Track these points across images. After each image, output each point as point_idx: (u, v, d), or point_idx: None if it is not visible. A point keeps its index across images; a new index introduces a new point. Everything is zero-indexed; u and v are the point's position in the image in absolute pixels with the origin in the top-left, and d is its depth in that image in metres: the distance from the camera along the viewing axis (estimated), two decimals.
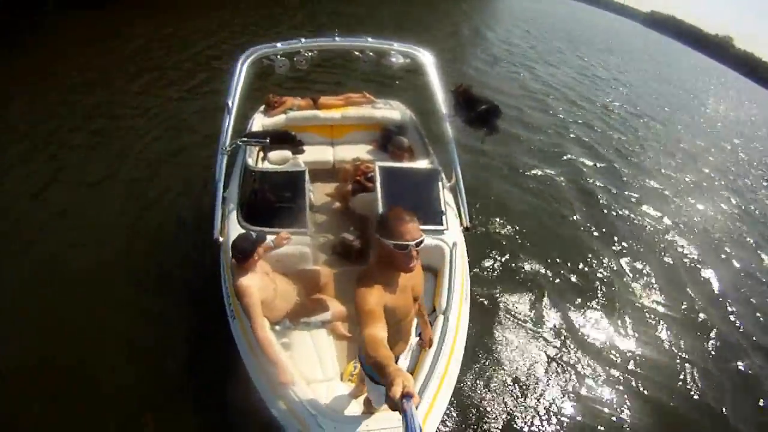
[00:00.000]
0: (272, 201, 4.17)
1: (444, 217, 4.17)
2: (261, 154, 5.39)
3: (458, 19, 21.56)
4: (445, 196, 4.37)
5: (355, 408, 2.91)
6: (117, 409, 3.73)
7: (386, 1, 23.79)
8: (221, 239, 3.90)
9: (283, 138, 4.67)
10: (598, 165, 8.82)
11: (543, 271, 5.65)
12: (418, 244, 2.07)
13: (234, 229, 3.85)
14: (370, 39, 4.71)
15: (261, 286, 3.18)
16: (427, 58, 4.71)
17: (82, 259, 5.10)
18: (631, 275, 5.96)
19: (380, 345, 1.84)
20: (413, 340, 2.82)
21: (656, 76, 15.79)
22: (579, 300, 5.35)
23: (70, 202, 6.13)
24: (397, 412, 1.37)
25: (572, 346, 4.73)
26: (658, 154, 10.11)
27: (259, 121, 5.78)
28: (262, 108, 6.13)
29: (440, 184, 4.40)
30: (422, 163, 4.70)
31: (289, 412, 2.66)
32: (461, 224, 4.37)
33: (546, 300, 5.22)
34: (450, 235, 4.06)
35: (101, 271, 4.96)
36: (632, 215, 7.36)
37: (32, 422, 3.68)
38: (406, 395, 1.36)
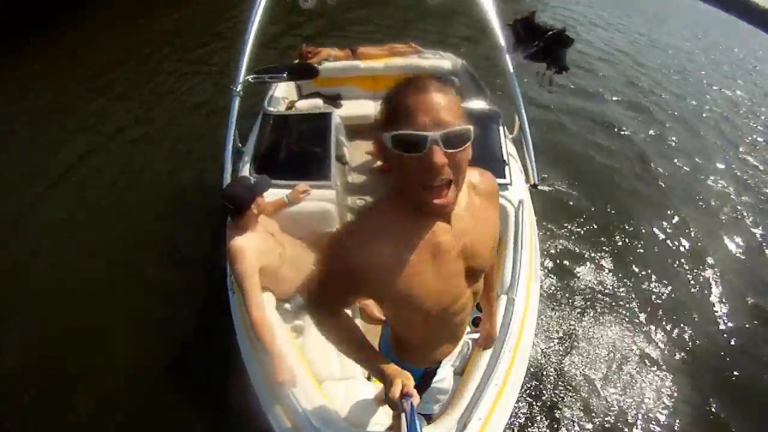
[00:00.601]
0: (290, 149, 3.36)
1: (507, 169, 3.15)
2: (293, 109, 4.66)
3: None
4: (508, 146, 3.38)
5: (381, 418, 2.04)
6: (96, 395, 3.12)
7: None
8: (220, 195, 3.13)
9: (304, 71, 3.83)
10: (655, 128, 7.35)
11: (620, 242, 4.53)
12: (451, 141, 0.92)
13: None
14: None
15: (262, 249, 2.36)
16: None
17: (86, 228, 4.66)
18: (712, 252, 4.67)
19: (347, 329, 1.28)
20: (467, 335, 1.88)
21: (710, 45, 14.03)
22: (665, 280, 4.18)
23: (80, 169, 5.71)
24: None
25: (660, 335, 3.63)
26: (722, 121, 8.62)
27: None
28: (295, 61, 5.32)
29: (501, 129, 3.39)
30: (480, 104, 3.68)
31: (287, 421, 1.86)
32: (527, 180, 3.36)
33: (625, 279, 4.11)
34: (514, 191, 3.04)
35: (104, 239, 4.47)
36: (703, 187, 5.90)
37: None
38: (406, 395, 1.12)
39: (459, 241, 1.16)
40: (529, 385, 3.11)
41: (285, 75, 3.48)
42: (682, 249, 4.61)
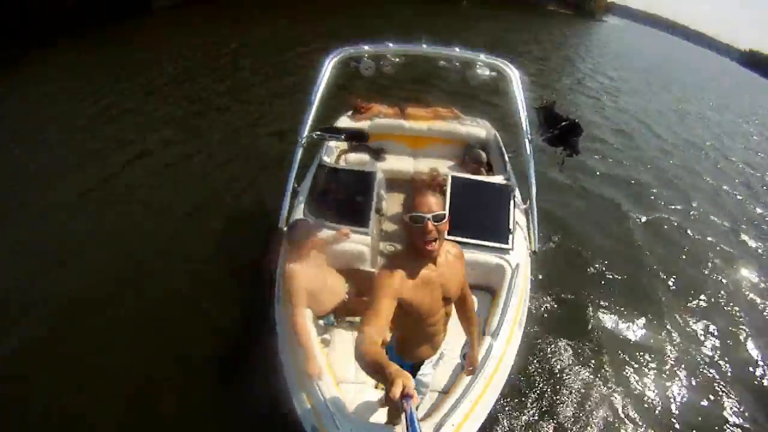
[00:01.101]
0: (339, 197, 4.08)
1: (510, 237, 3.85)
2: (342, 157, 5.40)
3: (549, 45, 20.98)
4: (516, 216, 4.04)
5: (381, 416, 2.68)
6: (139, 375, 3.81)
7: (483, 18, 24.10)
8: (286, 229, 3.86)
9: (357, 136, 4.60)
10: (687, 210, 7.81)
11: (608, 313, 4.98)
12: (436, 219, 1.85)
13: None
14: (457, 49, 4.56)
15: (310, 275, 3.09)
16: (513, 73, 4.45)
17: (146, 234, 5.52)
18: (704, 335, 5.00)
19: (377, 346, 1.67)
20: (451, 355, 2.58)
21: (753, 116, 13.97)
22: (645, 353, 4.60)
23: (146, 181, 6.68)
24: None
25: (628, 401, 4.05)
26: (756, 206, 8.77)
27: (344, 124, 5.75)
28: (349, 112, 6.12)
29: (512, 202, 4.07)
30: (497, 179, 4.38)
31: (309, 405, 2.51)
32: (529, 248, 4.03)
33: (606, 341, 4.60)
34: (515, 255, 3.74)
35: (164, 243, 5.38)
36: (719, 273, 6.22)
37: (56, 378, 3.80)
38: (406, 395, 1.30)
39: (440, 278, 2.05)
40: (502, 410, 3.67)
41: (342, 137, 4.27)
42: (671, 329, 4.96)
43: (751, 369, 4.71)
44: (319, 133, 4.25)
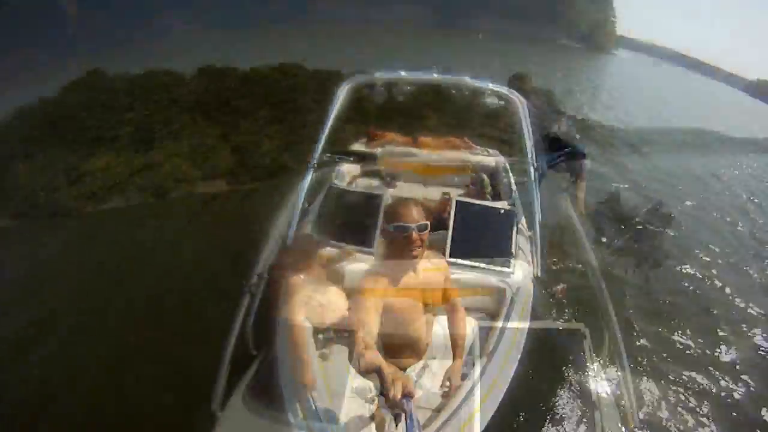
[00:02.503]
0: (345, 218, 4.12)
1: (512, 261, 3.81)
2: (354, 183, 5.50)
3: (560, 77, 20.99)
4: (519, 241, 4.03)
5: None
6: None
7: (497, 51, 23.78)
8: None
9: (367, 157, 4.80)
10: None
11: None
12: (420, 229, 2.04)
13: None
14: (467, 78, 4.62)
15: (311, 288, 3.08)
16: (520, 102, 4.52)
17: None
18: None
19: (373, 350, 1.82)
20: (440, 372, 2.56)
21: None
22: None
23: None
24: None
25: None
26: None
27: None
28: (364, 140, 6.25)
29: (515, 227, 4.03)
30: (501, 204, 4.37)
31: (302, 416, 2.47)
32: (533, 273, 3.99)
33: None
34: (515, 279, 3.68)
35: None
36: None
37: None
38: (406, 396, 1.34)
39: (420, 284, 2.28)
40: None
41: (351, 158, 4.37)
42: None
43: None
44: (330, 154, 4.37)
